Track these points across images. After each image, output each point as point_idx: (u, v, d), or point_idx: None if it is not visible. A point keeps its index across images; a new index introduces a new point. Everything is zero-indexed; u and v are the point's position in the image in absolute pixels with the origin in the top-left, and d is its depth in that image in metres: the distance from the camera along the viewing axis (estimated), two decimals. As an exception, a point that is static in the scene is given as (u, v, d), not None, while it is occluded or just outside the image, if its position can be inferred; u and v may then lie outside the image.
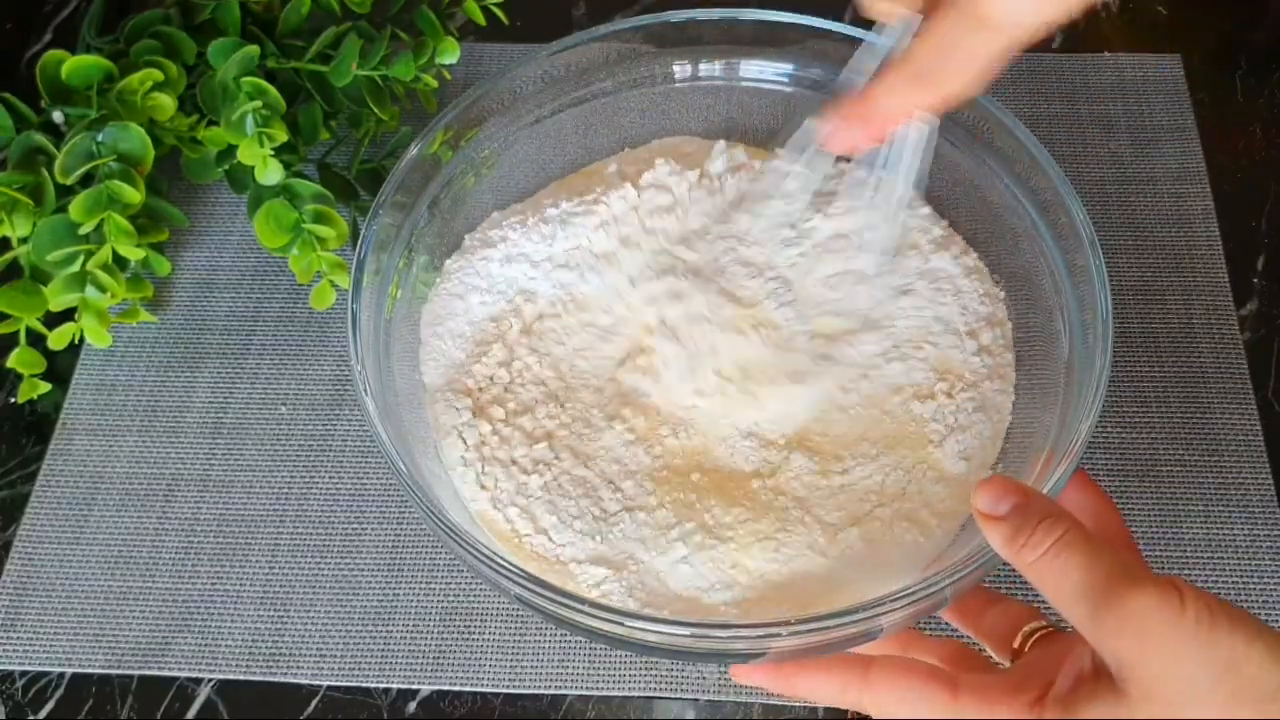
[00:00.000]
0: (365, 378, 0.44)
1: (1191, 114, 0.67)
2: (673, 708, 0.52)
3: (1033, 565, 0.35)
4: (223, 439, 0.59)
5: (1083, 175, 0.65)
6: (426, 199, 0.51)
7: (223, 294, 0.64)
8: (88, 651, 0.54)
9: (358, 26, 0.60)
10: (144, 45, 0.58)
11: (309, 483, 0.58)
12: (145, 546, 0.56)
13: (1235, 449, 0.57)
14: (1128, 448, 0.57)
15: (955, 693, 0.37)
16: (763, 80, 0.54)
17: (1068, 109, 0.68)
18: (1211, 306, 0.61)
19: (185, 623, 0.54)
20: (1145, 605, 0.32)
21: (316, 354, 0.62)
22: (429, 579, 0.55)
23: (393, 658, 0.53)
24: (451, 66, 0.61)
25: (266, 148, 0.54)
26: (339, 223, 0.56)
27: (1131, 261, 0.62)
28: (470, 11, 0.62)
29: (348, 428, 0.59)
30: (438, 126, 0.50)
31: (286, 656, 0.53)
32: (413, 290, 0.51)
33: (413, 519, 0.56)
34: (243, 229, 0.65)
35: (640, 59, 0.54)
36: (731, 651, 0.41)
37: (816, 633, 0.38)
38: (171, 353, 0.62)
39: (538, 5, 0.74)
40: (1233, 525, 0.55)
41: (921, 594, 0.38)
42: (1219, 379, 0.59)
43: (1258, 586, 0.53)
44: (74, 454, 0.59)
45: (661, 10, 0.53)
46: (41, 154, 0.55)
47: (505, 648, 0.53)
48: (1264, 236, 0.63)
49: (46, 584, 0.55)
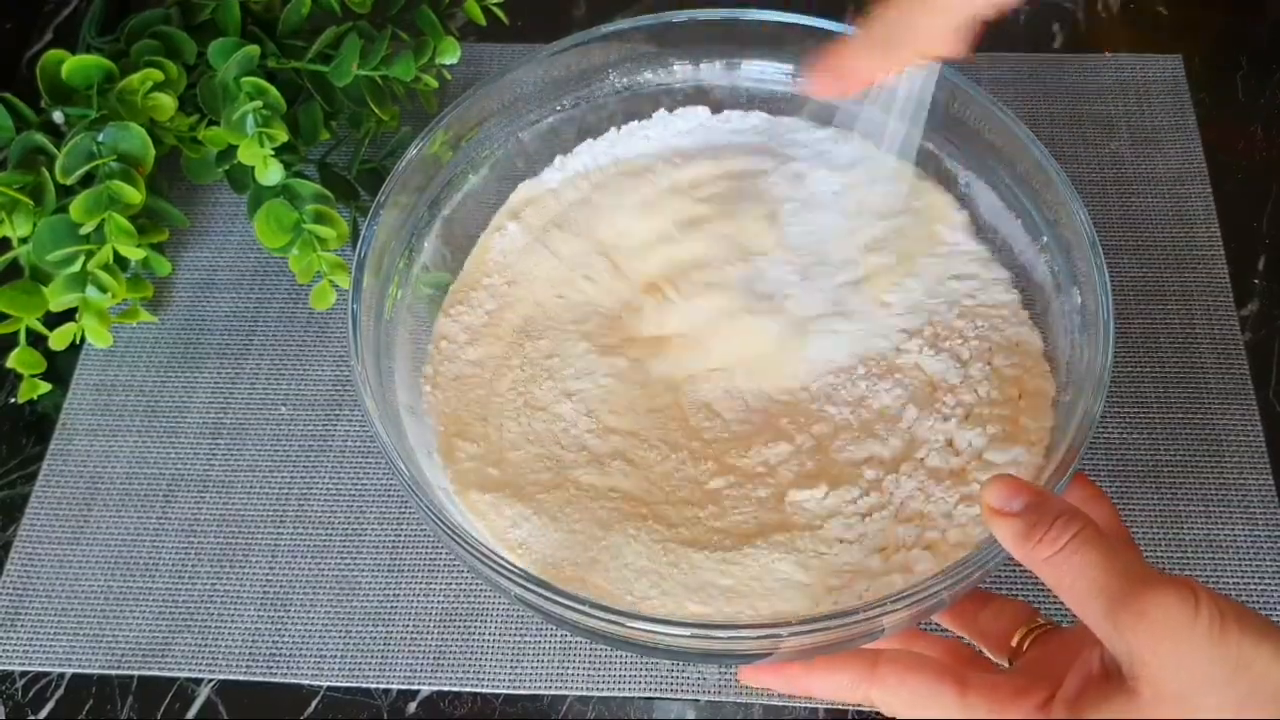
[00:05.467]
0: (365, 378, 0.44)
1: (1192, 114, 0.67)
2: (673, 708, 0.52)
3: (1047, 561, 0.35)
4: (223, 439, 0.59)
5: (1083, 175, 0.65)
6: (427, 199, 0.51)
7: (223, 294, 0.64)
8: (88, 651, 0.54)
9: (358, 26, 0.60)
10: (144, 45, 0.58)
11: (309, 483, 0.58)
12: (145, 546, 0.56)
13: (1235, 449, 0.57)
14: (1128, 448, 0.57)
15: (964, 692, 0.37)
16: (764, 80, 0.54)
17: (1068, 109, 0.68)
18: (1212, 306, 0.61)
19: (185, 623, 0.54)
20: (1162, 605, 0.32)
21: (316, 354, 0.62)
22: (429, 579, 0.55)
23: (393, 658, 0.53)
24: (452, 66, 0.61)
25: (267, 148, 0.54)
26: (339, 223, 0.56)
27: (1131, 261, 0.62)
28: (470, 11, 0.62)
29: (348, 428, 0.59)
30: (438, 126, 0.50)
31: (286, 656, 0.53)
32: (413, 290, 0.51)
33: (413, 519, 0.56)
34: (243, 229, 0.65)
35: (641, 59, 0.54)
36: (732, 652, 0.41)
37: (818, 634, 0.38)
38: (172, 353, 0.62)
39: (538, 5, 0.74)
40: (1233, 525, 0.55)
41: (923, 594, 0.38)
42: (1219, 379, 0.59)
43: (1258, 587, 0.53)
44: (74, 454, 0.59)
45: (662, 10, 0.53)
46: (42, 154, 0.55)
47: (505, 648, 0.53)
48: (1264, 236, 0.63)
49: (46, 584, 0.55)
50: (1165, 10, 0.73)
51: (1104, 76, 0.69)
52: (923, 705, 0.37)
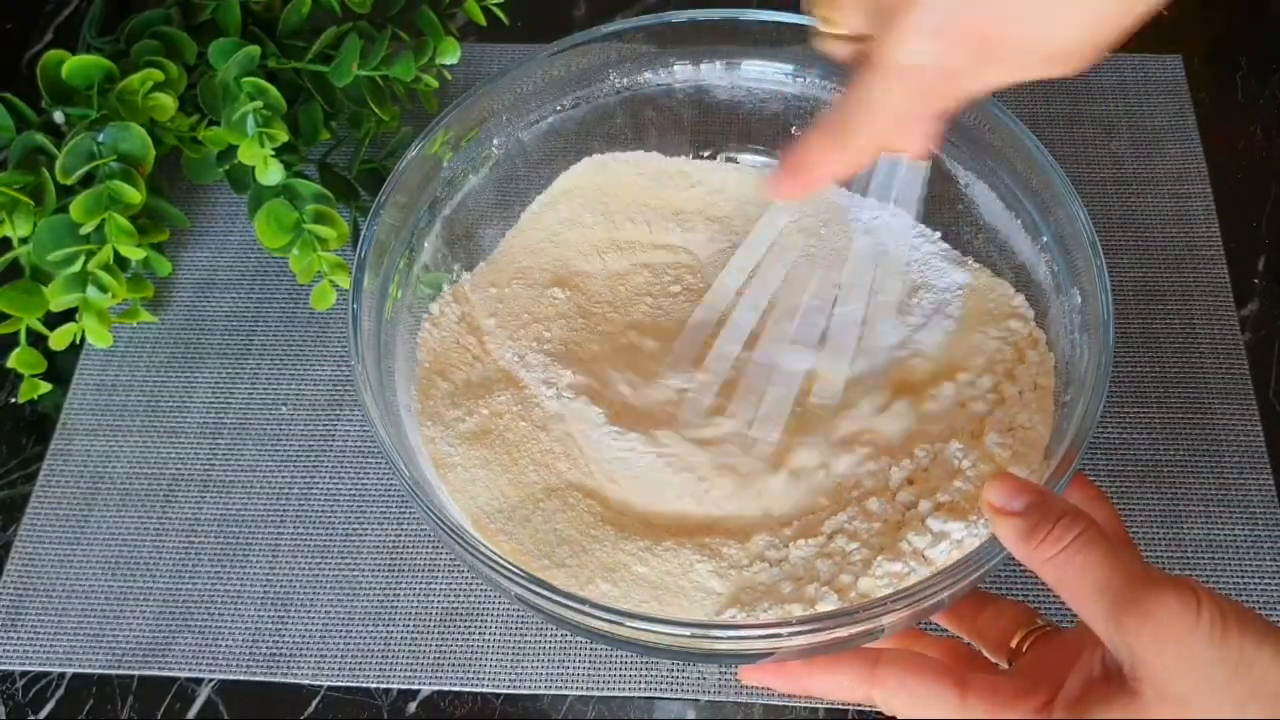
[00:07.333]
0: (365, 378, 0.44)
1: (1192, 114, 0.67)
2: (673, 708, 0.52)
3: (1050, 561, 0.35)
4: (223, 439, 0.59)
5: (1083, 175, 0.65)
6: (427, 199, 0.51)
7: (223, 294, 0.64)
8: (88, 651, 0.54)
9: (358, 26, 0.60)
10: (144, 45, 0.58)
11: (309, 483, 0.58)
12: (146, 546, 0.56)
13: (1235, 449, 0.57)
14: (1128, 448, 0.57)
15: (964, 693, 0.37)
16: (764, 80, 0.54)
17: (1068, 109, 0.68)
18: (1212, 307, 0.61)
19: (186, 623, 0.54)
20: (1165, 606, 0.32)
21: (317, 354, 0.62)
22: (429, 579, 0.55)
23: (393, 658, 0.53)
24: (452, 66, 0.61)
25: (267, 148, 0.54)
26: (339, 223, 0.56)
27: (1131, 261, 0.62)
28: (470, 12, 0.62)
29: (348, 428, 0.59)
30: (438, 126, 0.50)
31: (286, 656, 0.53)
32: (413, 290, 0.51)
33: (413, 519, 0.56)
34: (243, 229, 0.65)
35: (641, 59, 0.54)
36: (732, 652, 0.41)
37: (818, 634, 0.38)
38: (172, 353, 0.62)
39: (538, 5, 0.74)
40: (1233, 525, 0.55)
41: (922, 594, 0.38)
42: (1219, 379, 0.59)
43: (1258, 586, 0.53)
44: (74, 454, 0.59)
45: (662, 10, 0.53)
46: (42, 154, 0.55)
47: (505, 648, 0.53)
48: (1264, 236, 0.63)
49: (47, 584, 0.55)
50: (1165, 10, 0.72)
51: (1104, 77, 0.69)
52: (923, 705, 0.37)
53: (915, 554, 0.43)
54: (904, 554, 0.43)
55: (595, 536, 0.46)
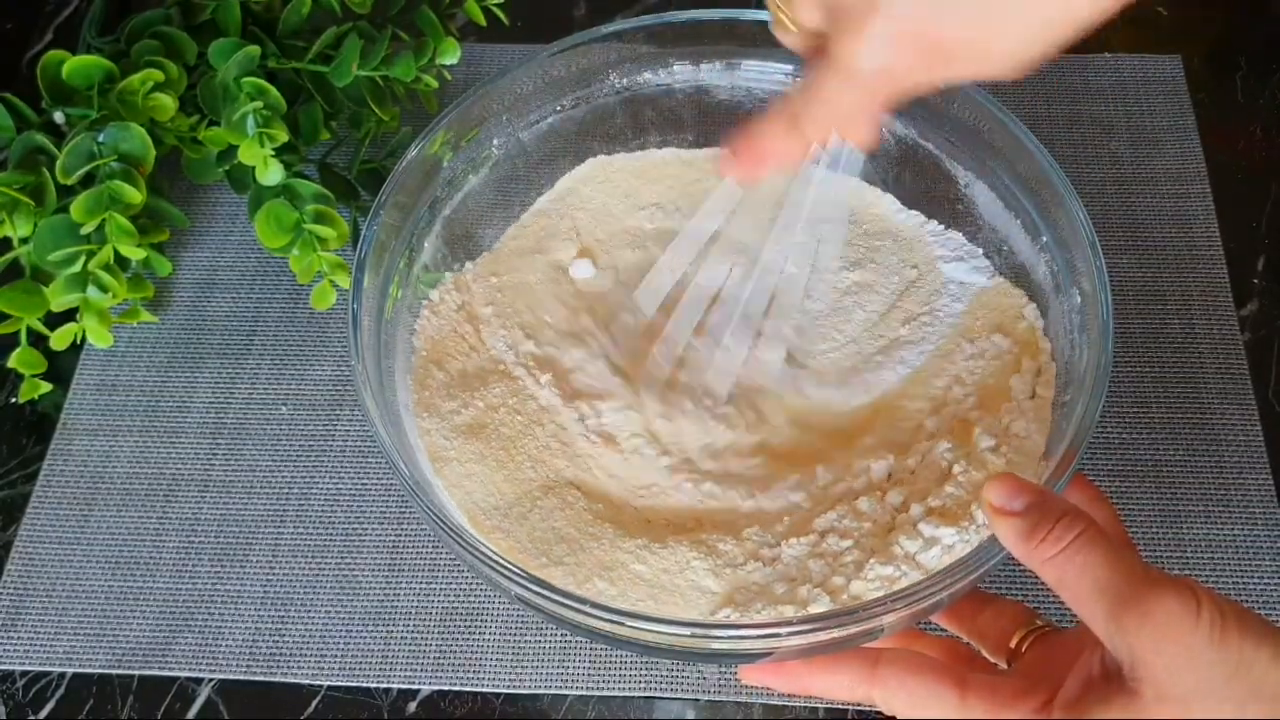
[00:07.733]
0: (365, 378, 0.44)
1: (1191, 114, 0.67)
2: (673, 708, 0.52)
3: (1050, 561, 0.35)
4: (223, 439, 0.59)
5: (1083, 175, 0.65)
6: (427, 199, 0.51)
7: (223, 294, 0.64)
8: (88, 651, 0.54)
9: (358, 27, 0.60)
10: (145, 45, 0.58)
11: (309, 483, 0.58)
12: (146, 546, 0.56)
13: (1235, 449, 0.57)
14: (1128, 448, 0.57)
15: (963, 693, 0.37)
16: (764, 80, 0.54)
17: (1068, 109, 0.68)
18: (1211, 306, 0.61)
19: (185, 623, 0.54)
20: (1164, 606, 0.32)
21: (317, 354, 0.62)
22: (429, 579, 0.55)
23: (393, 658, 0.53)
24: (452, 67, 0.61)
25: (267, 148, 0.54)
26: (339, 223, 0.56)
27: (1131, 261, 0.62)
28: (470, 12, 0.62)
29: (348, 428, 0.59)
30: (438, 127, 0.50)
31: (286, 656, 0.53)
32: (413, 290, 0.51)
33: (413, 519, 0.57)
34: (243, 229, 0.65)
35: (641, 59, 0.54)
36: (732, 652, 0.41)
37: (818, 633, 0.38)
38: (172, 353, 0.62)
39: (538, 5, 0.74)
40: (1233, 525, 0.55)
41: (922, 594, 0.38)
42: (1219, 379, 0.59)
43: (1258, 586, 0.53)
44: (75, 454, 0.59)
45: (663, 10, 0.53)
46: (42, 154, 0.55)
47: (505, 648, 0.53)
48: (1264, 236, 0.63)
49: (47, 584, 0.55)
50: (1165, 10, 0.73)
51: (1103, 77, 0.69)
52: (923, 705, 0.37)
53: (907, 558, 0.43)
54: (896, 558, 0.43)
55: (593, 534, 0.46)
